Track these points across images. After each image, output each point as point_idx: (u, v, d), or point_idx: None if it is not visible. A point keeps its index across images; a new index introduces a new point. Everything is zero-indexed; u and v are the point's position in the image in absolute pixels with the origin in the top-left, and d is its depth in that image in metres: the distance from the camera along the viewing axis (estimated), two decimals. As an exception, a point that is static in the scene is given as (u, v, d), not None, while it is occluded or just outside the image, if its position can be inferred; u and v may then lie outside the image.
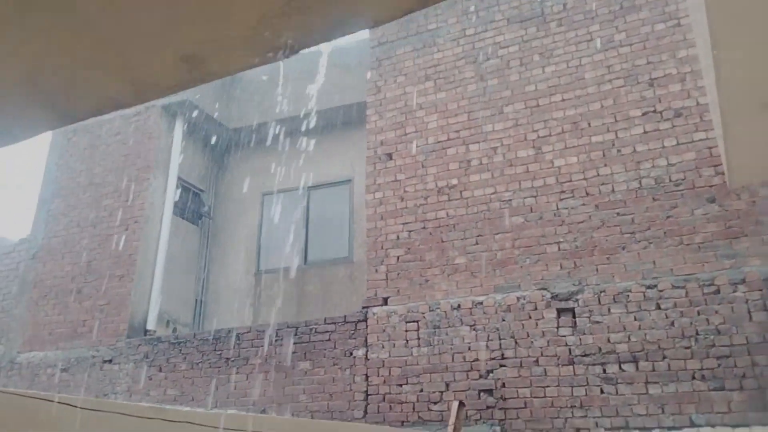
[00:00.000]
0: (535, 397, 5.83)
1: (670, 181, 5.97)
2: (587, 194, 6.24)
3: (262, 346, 7.16)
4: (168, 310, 8.53)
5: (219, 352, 7.33)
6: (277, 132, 9.17)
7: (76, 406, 1.87)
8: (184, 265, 8.94)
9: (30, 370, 8.25)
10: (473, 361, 6.19)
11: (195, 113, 9.08)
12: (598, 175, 6.25)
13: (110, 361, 7.88)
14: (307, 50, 1.22)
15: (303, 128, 9.15)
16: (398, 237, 7.00)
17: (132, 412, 2.09)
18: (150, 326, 8.15)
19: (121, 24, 1.10)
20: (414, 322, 6.60)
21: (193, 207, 9.32)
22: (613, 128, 6.33)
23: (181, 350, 7.55)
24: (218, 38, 1.12)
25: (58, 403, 1.84)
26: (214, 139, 9.48)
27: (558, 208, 6.33)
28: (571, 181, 6.34)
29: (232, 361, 7.22)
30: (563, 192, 6.35)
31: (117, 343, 7.92)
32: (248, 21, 1.06)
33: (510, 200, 6.60)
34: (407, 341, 6.56)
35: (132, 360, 7.76)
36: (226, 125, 9.49)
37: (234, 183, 9.62)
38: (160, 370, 7.55)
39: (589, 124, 6.45)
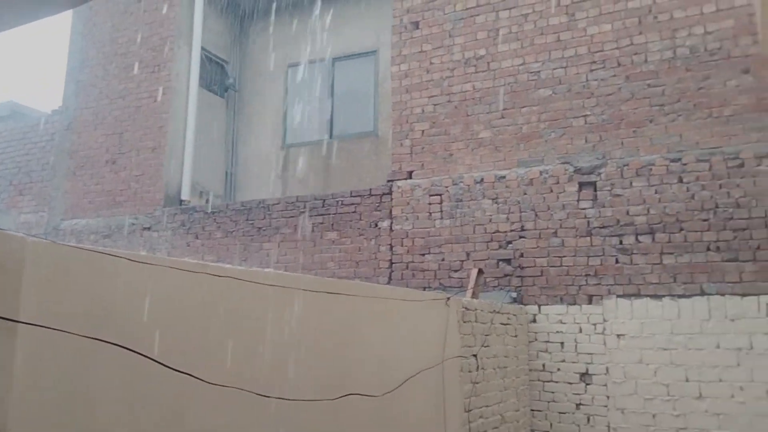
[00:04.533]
0: (551, 266, 6.10)
1: (706, 50, 5.75)
2: (619, 65, 6.07)
3: (291, 216, 7.48)
4: (200, 181, 8.83)
5: (251, 222, 7.69)
6: (300, 0, 8.87)
7: (130, 260, 2.06)
8: (213, 137, 9.11)
9: (74, 236, 8.78)
10: (494, 232, 6.42)
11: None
12: (632, 44, 6.03)
13: (149, 228, 8.33)
14: None
15: (326, -5, 8.83)
16: (423, 110, 6.99)
17: (178, 266, 2.30)
18: (184, 196, 8.49)
19: None
20: (437, 195, 6.78)
21: (218, 78, 9.31)
22: (652, -8, 6.00)
23: (215, 219, 7.93)
24: None
25: (114, 256, 2.03)
26: (237, 8, 9.23)
27: (587, 80, 6.20)
28: (602, 50, 6.15)
29: (264, 230, 7.58)
30: (594, 62, 6.18)
31: (154, 212, 8.33)
32: None
33: (539, 72, 6.46)
34: (430, 213, 6.78)
35: (169, 228, 8.19)
36: (248, -8, 9.19)
37: (259, 54, 9.50)
38: (197, 238, 8.00)
39: (626, -12, 6.12)
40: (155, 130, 8.52)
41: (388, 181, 7.09)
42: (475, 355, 4.83)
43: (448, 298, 4.50)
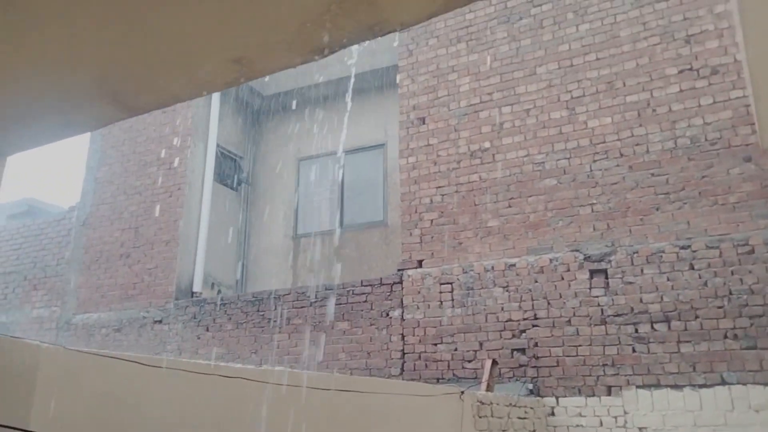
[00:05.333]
0: (567, 356, 5.98)
1: (706, 140, 5.90)
2: (621, 155, 6.23)
3: (302, 307, 7.46)
4: (212, 273, 8.90)
5: (261, 313, 7.67)
6: (311, 98, 9.30)
7: (141, 363, 2.08)
8: (226, 230, 9.27)
9: (85, 330, 8.77)
10: (506, 321, 6.35)
11: (230, 81, 9.25)
12: (633, 135, 6.21)
13: (160, 321, 8.31)
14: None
15: (336, 93, 9.25)
16: (432, 200, 7.12)
17: (188, 368, 2.30)
18: (196, 288, 8.53)
19: (181, 32, 1.24)
20: (448, 283, 6.77)
21: (232, 173, 9.59)
22: (649, 87, 6.25)
23: (226, 311, 7.92)
24: (263, 42, 1.25)
25: (125, 360, 2.04)
26: (250, 107, 9.66)
27: (591, 170, 6.34)
28: (605, 142, 6.33)
29: (274, 321, 7.55)
30: (597, 153, 6.35)
31: (166, 305, 8.34)
32: (290, 27, 1.18)
33: (543, 162, 6.63)
34: (441, 302, 6.75)
35: (180, 320, 8.17)
36: (261, 92, 9.65)
37: (270, 149, 9.83)
38: (207, 330, 7.95)
39: (624, 83, 6.38)
40: (170, 223, 8.69)
41: (399, 270, 7.11)
42: (492, 453, 4.65)
43: (462, 392, 4.40)
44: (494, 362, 5.65)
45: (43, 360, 1.73)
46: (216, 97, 9.30)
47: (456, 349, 6.52)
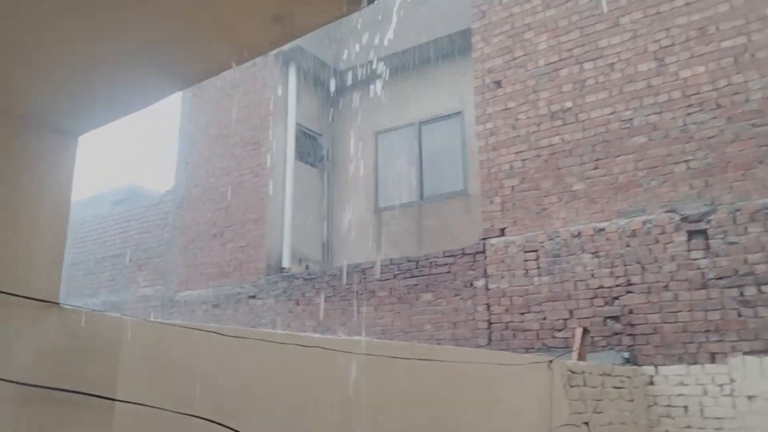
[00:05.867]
0: (665, 323, 5.67)
1: (819, 82, 5.31)
2: (718, 106, 5.73)
3: (386, 279, 7.52)
4: (299, 249, 9.15)
5: (348, 286, 7.81)
6: (385, 69, 9.23)
7: (222, 334, 2.14)
8: (310, 206, 9.47)
9: (187, 306, 9.30)
10: (597, 288, 6.10)
11: (306, 58, 9.35)
12: (730, 84, 5.70)
13: (254, 296, 8.67)
14: None
15: (410, 63, 9.13)
16: (512, 167, 6.91)
17: (266, 338, 2.35)
18: (285, 264, 8.81)
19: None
20: (533, 251, 6.58)
21: (312, 150, 9.75)
22: (745, 30, 5.68)
23: (314, 285, 8.14)
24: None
25: (204, 331, 2.11)
26: (326, 83, 9.74)
27: (685, 124, 5.89)
28: (699, 93, 5.85)
29: (360, 294, 7.67)
30: (690, 106, 5.88)
31: (258, 281, 8.68)
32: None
33: (631, 119, 6.23)
34: (527, 271, 6.58)
35: (272, 295, 8.49)
36: (337, 68, 9.69)
37: (348, 124, 9.89)
38: (298, 304, 8.21)
39: (717, 28, 5.84)
40: (257, 202, 8.99)
41: (481, 239, 6.99)
42: (586, 423, 4.51)
43: (551, 361, 4.28)
44: (585, 330, 5.45)
45: (126, 332, 1.82)
46: (293, 76, 9.45)
47: (545, 318, 6.35)
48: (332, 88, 9.82)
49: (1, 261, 1.58)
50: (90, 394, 1.72)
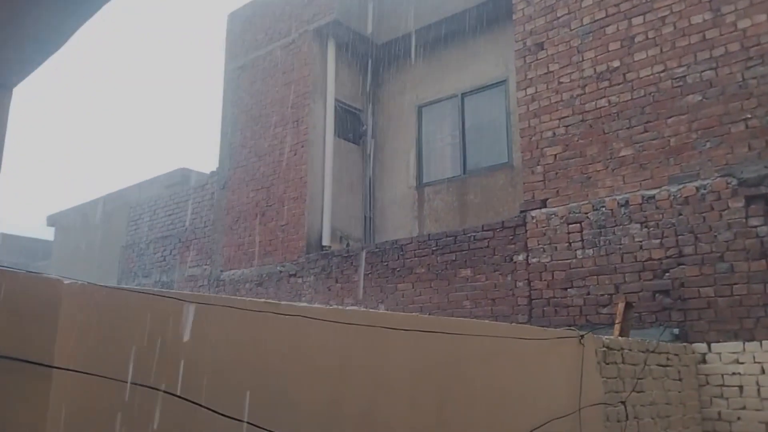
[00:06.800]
0: (720, 296, 5.21)
1: None
2: (782, 56, 5.16)
3: (424, 255, 7.31)
4: (340, 226, 9.05)
5: (385, 263, 7.64)
6: (425, 40, 8.92)
7: (151, 294, 2.00)
8: (350, 183, 9.34)
9: (232, 285, 9.41)
10: (645, 261, 5.68)
11: (344, 33, 9.16)
12: (796, 30, 5.11)
13: (294, 275, 8.66)
14: None
15: (451, 32, 8.78)
16: (554, 133, 6.51)
17: (236, 305, 2.21)
18: (325, 242, 8.74)
19: None
20: (576, 223, 6.20)
21: (352, 127, 9.59)
22: (814, -32, 5.07)
23: (352, 263, 8.02)
24: None
25: (143, 294, 1.98)
26: (365, 58, 9.52)
27: (744, 79, 5.34)
28: (759, 44, 5.28)
29: (398, 271, 7.49)
30: (750, 59, 5.33)
31: (299, 259, 8.65)
32: None
33: (684, 76, 5.72)
34: (570, 243, 6.21)
35: (312, 273, 8.44)
36: (376, 41, 9.45)
37: (389, 98, 9.66)
38: (337, 282, 8.13)
39: (782, -32, 5.25)
40: (297, 181, 8.94)
41: (521, 211, 6.65)
42: (623, 402, 4.19)
43: (582, 336, 3.97)
44: (629, 304, 5.07)
45: (65, 296, 1.71)
46: (332, 52, 9.28)
47: (588, 294, 5.99)
48: (371, 62, 9.59)
49: None
50: (26, 361, 1.62)
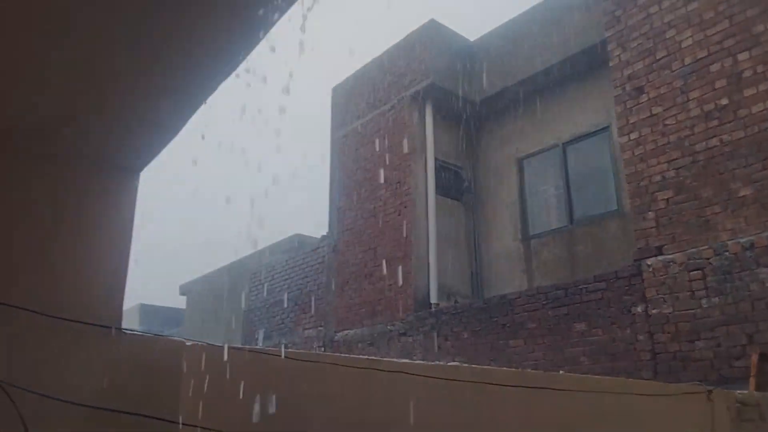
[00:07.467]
0: None
1: None
2: None
3: (534, 310, 7.12)
4: (447, 283, 9.05)
5: (494, 319, 7.51)
6: (521, 94, 8.98)
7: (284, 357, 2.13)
8: (455, 240, 9.38)
9: (345, 345, 9.61)
10: (781, 306, 5.19)
11: (441, 94, 9.43)
12: None
13: (404, 333, 8.71)
14: None
15: (548, 84, 8.78)
16: (664, 177, 6.24)
17: (344, 362, 2.31)
18: (433, 300, 8.76)
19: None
20: (698, 270, 5.82)
21: (453, 184, 9.71)
22: None
23: (461, 320, 7.96)
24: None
25: (266, 354, 2.12)
26: (463, 115, 9.71)
27: None
28: None
29: (508, 326, 7.33)
30: None
31: (407, 317, 8.71)
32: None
33: (805, 108, 5.34)
34: (692, 292, 5.82)
35: (421, 331, 8.45)
36: (472, 99, 9.63)
37: (489, 153, 9.73)
38: (446, 339, 8.08)
39: None
40: (402, 240, 9.12)
41: (635, 260, 6.35)
42: (766, 467, 3.78)
43: (709, 391, 3.68)
44: (763, 355, 4.63)
45: (187, 355, 1.90)
46: (429, 114, 9.56)
47: (719, 345, 5.53)
48: (469, 119, 9.76)
49: (69, 290, 1.76)
50: (153, 417, 1.81)
